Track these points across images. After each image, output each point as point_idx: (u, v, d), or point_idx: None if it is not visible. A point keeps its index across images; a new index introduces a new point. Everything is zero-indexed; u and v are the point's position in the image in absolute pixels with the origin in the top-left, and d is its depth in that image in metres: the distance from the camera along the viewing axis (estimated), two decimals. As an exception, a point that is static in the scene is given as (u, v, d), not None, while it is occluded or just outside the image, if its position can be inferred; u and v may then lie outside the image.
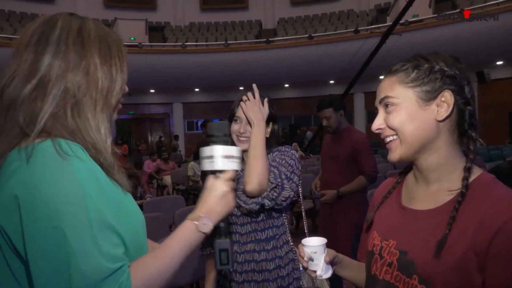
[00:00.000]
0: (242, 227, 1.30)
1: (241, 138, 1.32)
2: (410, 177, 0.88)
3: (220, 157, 0.79)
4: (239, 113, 1.33)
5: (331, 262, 0.89)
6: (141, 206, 3.91)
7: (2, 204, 0.63)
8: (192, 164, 6.65)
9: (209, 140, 0.82)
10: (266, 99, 1.28)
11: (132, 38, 13.28)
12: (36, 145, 0.65)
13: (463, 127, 0.77)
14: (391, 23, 9.67)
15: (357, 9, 15.19)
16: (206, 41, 13.86)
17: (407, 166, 0.90)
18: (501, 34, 9.56)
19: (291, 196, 1.22)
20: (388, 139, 0.81)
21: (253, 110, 1.25)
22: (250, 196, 1.19)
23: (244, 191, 1.20)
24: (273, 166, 1.23)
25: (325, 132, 2.77)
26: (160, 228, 2.85)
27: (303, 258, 0.86)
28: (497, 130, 11.53)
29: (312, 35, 12.53)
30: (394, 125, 0.78)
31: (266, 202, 1.19)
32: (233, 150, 0.81)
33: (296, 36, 13.31)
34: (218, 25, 15.71)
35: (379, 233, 0.86)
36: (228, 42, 12.92)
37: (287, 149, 1.32)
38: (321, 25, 14.34)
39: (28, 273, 0.64)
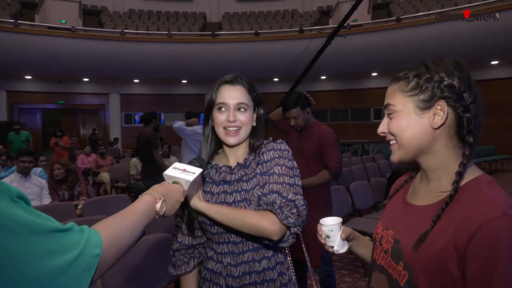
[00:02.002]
0: (237, 236, 1.11)
1: (230, 129, 1.11)
2: (418, 175, 0.93)
3: (196, 176, 0.97)
4: (222, 98, 1.12)
5: (347, 239, 0.98)
6: (76, 207, 3.51)
7: None
8: (134, 161, 6.20)
9: (193, 161, 1.04)
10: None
11: (63, 21, 12.19)
12: None
13: (462, 133, 0.80)
14: (333, 26, 10.08)
15: (301, 9, 15.54)
16: (147, 30, 13.17)
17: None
18: (426, 42, 10.42)
19: (303, 198, 1.09)
20: (390, 142, 0.88)
21: (193, 199, 1.06)
22: (284, 235, 1.07)
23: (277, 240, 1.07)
24: (273, 192, 1.07)
25: (290, 130, 2.69)
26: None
27: (321, 236, 0.95)
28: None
29: (258, 31, 12.54)
30: (393, 132, 0.85)
31: (296, 229, 1.06)
32: (200, 178, 1.03)
33: (242, 31, 13.23)
34: (161, 14, 15.05)
35: (383, 223, 0.95)
36: (172, 32, 12.41)
37: (281, 146, 1.16)
38: (266, 22, 14.43)
39: None
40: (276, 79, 14.75)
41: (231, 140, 1.12)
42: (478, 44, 9.95)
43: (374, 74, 14.87)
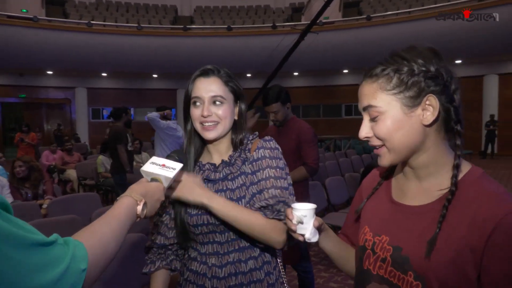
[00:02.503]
0: (222, 235, 1.05)
1: (207, 124, 1.05)
2: (399, 171, 0.87)
3: (176, 172, 0.91)
4: (196, 91, 1.05)
5: (319, 228, 0.87)
6: (41, 206, 3.32)
7: None
8: (101, 158, 5.96)
9: (172, 155, 0.97)
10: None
11: (25, 10, 11.53)
12: None
13: (450, 125, 0.76)
14: (306, 22, 10.18)
15: (274, 5, 15.52)
16: (115, 22, 12.70)
17: None
18: (394, 40, 10.73)
19: (292, 193, 1.07)
20: (376, 146, 0.80)
21: (190, 190, 0.99)
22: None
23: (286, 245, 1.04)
24: (279, 201, 1.01)
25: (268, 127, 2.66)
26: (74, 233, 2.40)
27: (291, 221, 0.85)
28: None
29: (231, 26, 12.42)
30: (381, 136, 0.77)
31: None
32: (178, 174, 0.94)
33: (214, 26, 13.05)
34: (129, 6, 14.56)
35: (371, 228, 0.85)
36: (141, 25, 12.04)
37: (271, 144, 1.11)
38: (239, 17, 14.31)
39: None
40: (249, 75, 14.69)
41: (209, 135, 1.06)
42: (444, 43, 10.33)
43: (345, 71, 15.14)
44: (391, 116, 0.75)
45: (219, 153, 1.12)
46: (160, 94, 15.61)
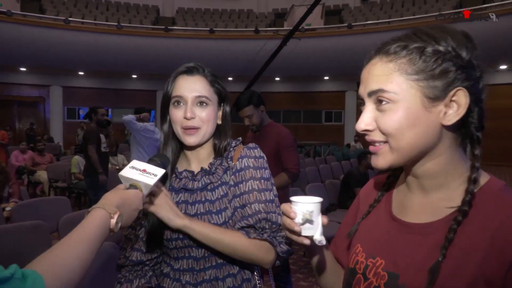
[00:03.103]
0: (199, 250, 0.95)
1: (188, 129, 0.95)
2: (401, 181, 0.73)
3: (157, 179, 0.84)
4: (178, 90, 0.96)
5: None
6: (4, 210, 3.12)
7: None
8: (76, 158, 5.73)
9: (154, 159, 0.90)
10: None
11: (-1, 4, 11.08)
12: None
13: (469, 129, 0.62)
14: (288, 28, 10.26)
15: (257, 10, 15.55)
16: (94, 20, 12.39)
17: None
18: (371, 50, 10.93)
19: (279, 204, 0.98)
20: (375, 143, 0.64)
21: (167, 209, 0.90)
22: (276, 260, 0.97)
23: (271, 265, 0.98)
24: (261, 219, 0.93)
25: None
26: (40, 240, 2.24)
27: (292, 220, 0.64)
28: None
29: (214, 29, 12.34)
30: (389, 130, 0.60)
31: (286, 256, 0.96)
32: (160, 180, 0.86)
33: (196, 28, 12.94)
34: (110, 4, 14.26)
35: (364, 247, 0.71)
36: (121, 24, 11.78)
37: (255, 152, 1.01)
38: (222, 20, 14.25)
39: None
40: (230, 79, 14.61)
41: (190, 140, 0.96)
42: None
43: (326, 78, 15.29)
44: (406, 107, 0.59)
45: (199, 160, 1.02)
46: (139, 95, 15.30)
